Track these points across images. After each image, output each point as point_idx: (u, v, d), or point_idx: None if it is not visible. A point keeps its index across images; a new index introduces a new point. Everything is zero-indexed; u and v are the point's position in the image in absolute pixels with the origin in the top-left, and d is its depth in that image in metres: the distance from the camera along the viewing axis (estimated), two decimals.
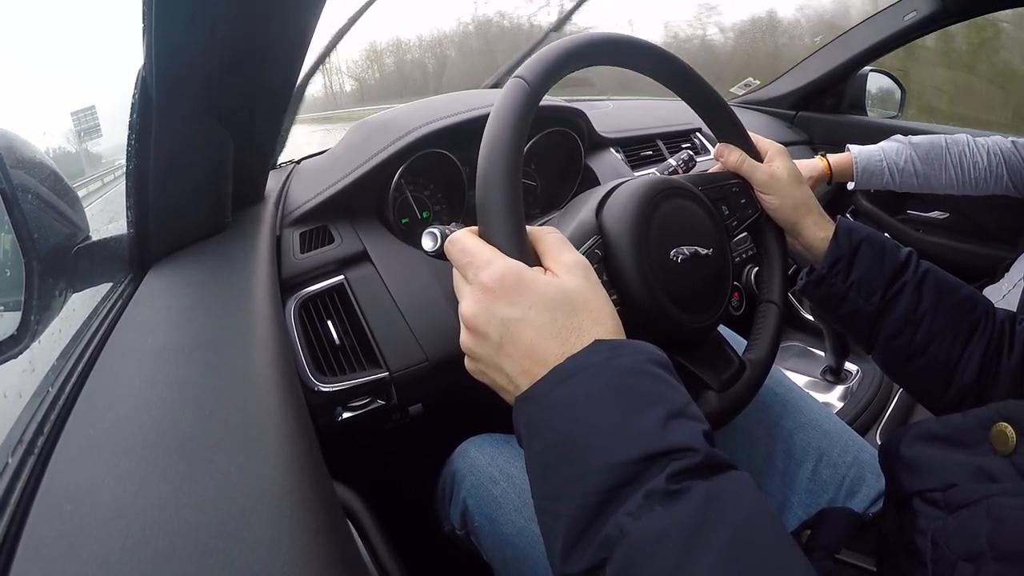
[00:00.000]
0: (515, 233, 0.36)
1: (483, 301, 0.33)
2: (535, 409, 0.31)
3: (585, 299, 0.34)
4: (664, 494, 0.26)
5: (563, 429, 0.30)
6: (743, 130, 0.56)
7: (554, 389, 0.31)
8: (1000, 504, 0.32)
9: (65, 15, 0.59)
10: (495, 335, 0.33)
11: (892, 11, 1.33)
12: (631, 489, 0.27)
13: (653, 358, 0.32)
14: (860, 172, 1.01)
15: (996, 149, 1.00)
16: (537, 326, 0.32)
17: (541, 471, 0.31)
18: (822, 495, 0.55)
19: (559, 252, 0.36)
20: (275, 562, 0.27)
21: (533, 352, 0.32)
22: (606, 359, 0.31)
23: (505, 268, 0.34)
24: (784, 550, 0.27)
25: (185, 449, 0.32)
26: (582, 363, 0.31)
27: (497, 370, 0.34)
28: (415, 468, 0.87)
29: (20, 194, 0.44)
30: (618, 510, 0.27)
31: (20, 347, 0.42)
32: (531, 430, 0.31)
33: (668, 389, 0.31)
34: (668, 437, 0.28)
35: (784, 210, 0.55)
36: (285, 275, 0.65)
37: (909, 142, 1.02)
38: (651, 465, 0.27)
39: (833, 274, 0.53)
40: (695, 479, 0.27)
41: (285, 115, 0.59)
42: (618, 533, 0.26)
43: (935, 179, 1.02)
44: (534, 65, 0.40)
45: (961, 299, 0.51)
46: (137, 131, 0.48)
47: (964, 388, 0.50)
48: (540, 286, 0.33)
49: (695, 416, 0.31)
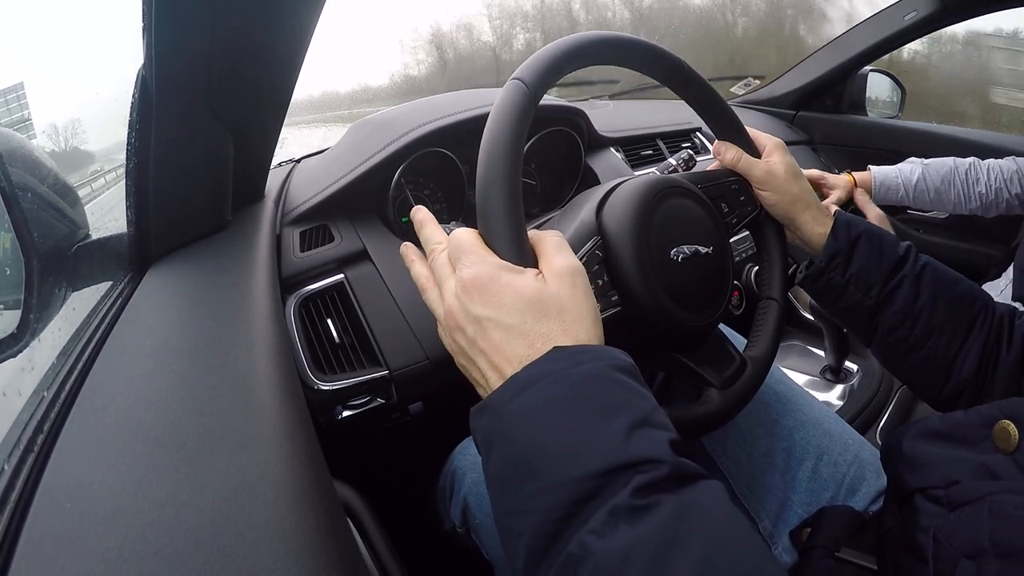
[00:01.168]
0: (514, 237, 0.35)
1: (461, 296, 0.34)
2: (492, 420, 0.30)
3: (561, 307, 0.33)
4: (629, 510, 0.25)
5: (521, 441, 0.28)
6: (740, 127, 0.56)
7: (511, 399, 0.29)
8: (1002, 502, 0.32)
9: (64, 13, 0.59)
10: (470, 330, 0.33)
11: (892, 11, 1.33)
12: (594, 504, 0.26)
13: (616, 364, 0.31)
14: (877, 188, 1.09)
15: (1006, 170, 1.07)
16: (505, 326, 0.32)
17: (500, 485, 0.30)
18: (822, 493, 0.55)
19: (553, 256, 0.35)
20: (275, 560, 0.27)
21: (502, 351, 0.32)
22: (565, 367, 0.30)
23: (483, 267, 0.34)
24: (759, 564, 0.25)
25: (185, 448, 0.32)
26: (540, 372, 0.30)
27: (473, 366, 0.34)
28: (415, 466, 0.87)
29: (20, 193, 0.44)
30: (581, 527, 0.25)
31: (20, 345, 0.42)
32: (488, 442, 0.30)
33: (632, 396, 0.30)
34: (632, 449, 0.27)
35: (782, 205, 0.55)
36: (285, 274, 0.65)
37: (922, 163, 1.10)
38: (615, 479, 0.26)
39: (831, 268, 0.53)
40: (662, 492, 0.26)
41: (285, 114, 0.59)
42: (582, 552, 0.25)
43: (946, 197, 1.09)
44: (532, 66, 0.40)
45: (960, 293, 0.51)
46: (137, 130, 0.48)
47: (963, 382, 0.50)
48: (515, 288, 0.33)
49: (661, 424, 0.29)
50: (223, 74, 0.48)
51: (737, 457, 0.59)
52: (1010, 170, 1.06)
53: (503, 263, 0.34)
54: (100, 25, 0.58)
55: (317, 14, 0.49)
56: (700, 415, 0.46)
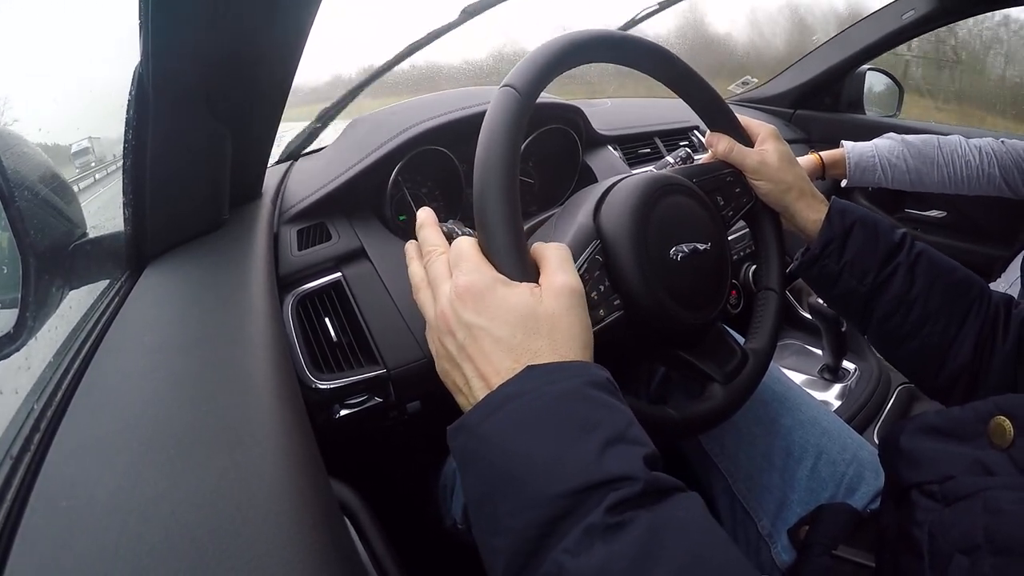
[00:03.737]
0: (512, 250, 0.35)
1: (455, 302, 0.34)
2: (467, 439, 0.30)
3: (552, 325, 0.33)
4: (604, 528, 0.25)
5: (496, 461, 0.28)
6: (732, 117, 0.56)
7: (486, 419, 0.30)
8: (997, 497, 0.32)
9: (59, 9, 0.59)
10: (460, 336, 0.33)
11: (890, 10, 1.33)
12: (569, 523, 0.26)
13: (591, 380, 0.31)
14: (853, 168, 1.01)
15: (988, 149, 1.02)
16: (495, 338, 0.32)
17: (477, 504, 0.30)
18: (821, 492, 0.55)
19: (554, 272, 0.35)
20: (271, 559, 0.27)
21: (491, 360, 0.32)
22: (539, 385, 0.30)
23: (479, 277, 0.34)
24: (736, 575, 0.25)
25: (181, 446, 0.32)
26: (514, 391, 0.30)
27: (458, 371, 0.34)
28: (413, 465, 0.87)
29: (16, 191, 0.44)
30: (556, 546, 0.25)
31: (17, 344, 0.42)
32: (465, 461, 0.30)
33: (607, 413, 0.30)
34: (606, 466, 0.27)
35: (776, 194, 0.55)
36: (282, 272, 0.65)
37: (902, 140, 1.03)
38: (588, 497, 0.26)
39: (826, 255, 0.53)
40: (636, 509, 0.26)
41: (283, 111, 0.59)
42: (556, 571, 0.25)
43: (927, 177, 1.02)
44: (523, 71, 0.39)
45: (955, 281, 0.51)
46: (134, 127, 0.47)
47: (957, 370, 0.50)
48: (509, 301, 0.33)
49: (636, 440, 0.29)
50: (220, 71, 0.48)
51: (736, 456, 0.59)
52: (998, 150, 1.01)
53: (499, 276, 0.34)
54: (97, 22, 0.58)
55: (314, 11, 0.48)
56: (704, 411, 0.46)
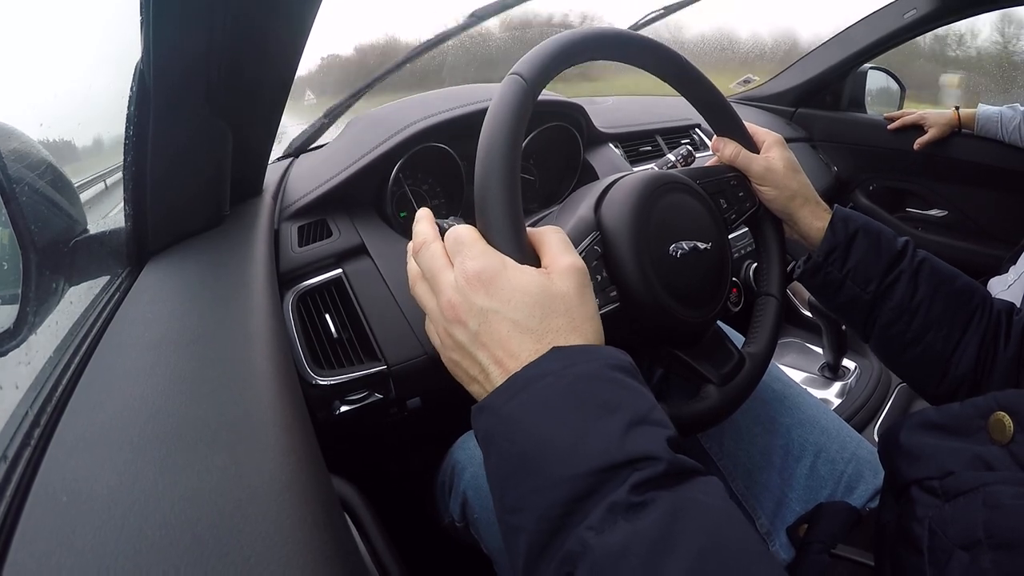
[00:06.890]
0: (513, 233, 0.35)
1: (464, 289, 0.33)
2: (491, 420, 0.30)
3: (568, 305, 0.33)
4: (627, 506, 0.25)
5: (520, 441, 0.29)
6: (739, 122, 0.56)
7: (510, 399, 0.30)
8: (997, 492, 0.32)
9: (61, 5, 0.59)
10: (473, 324, 0.33)
11: (892, 9, 1.33)
12: (593, 501, 0.26)
13: (614, 363, 0.31)
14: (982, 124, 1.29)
15: None
16: (513, 320, 0.32)
17: (500, 483, 0.30)
18: (820, 491, 0.55)
19: (558, 254, 0.35)
20: (271, 555, 0.27)
21: (507, 345, 0.32)
22: (563, 367, 0.30)
23: (488, 261, 0.33)
24: (755, 560, 0.25)
25: (182, 442, 0.32)
26: (538, 372, 0.30)
27: (472, 360, 0.33)
28: (413, 462, 0.87)
29: (17, 187, 0.44)
30: (580, 523, 0.26)
31: (17, 340, 0.42)
32: (488, 441, 0.31)
33: (630, 395, 0.30)
34: (629, 446, 0.27)
35: (780, 200, 0.55)
36: (283, 269, 0.65)
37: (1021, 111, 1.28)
38: (613, 476, 0.26)
39: (829, 262, 0.53)
40: (659, 489, 0.26)
41: (284, 108, 0.59)
42: (580, 548, 0.25)
43: None
44: (531, 60, 0.40)
45: (958, 289, 0.51)
46: (135, 124, 0.47)
47: (960, 378, 0.50)
48: (522, 282, 0.33)
49: (659, 422, 0.29)
50: (222, 68, 0.47)
51: (735, 455, 0.59)
52: None
53: (508, 259, 0.34)
54: (98, 18, 0.58)
55: (316, 7, 0.48)
56: (698, 411, 0.46)
